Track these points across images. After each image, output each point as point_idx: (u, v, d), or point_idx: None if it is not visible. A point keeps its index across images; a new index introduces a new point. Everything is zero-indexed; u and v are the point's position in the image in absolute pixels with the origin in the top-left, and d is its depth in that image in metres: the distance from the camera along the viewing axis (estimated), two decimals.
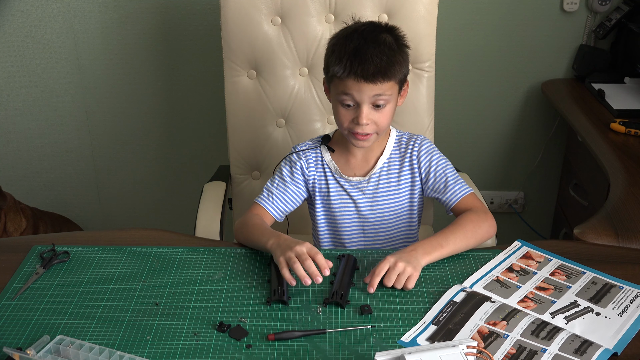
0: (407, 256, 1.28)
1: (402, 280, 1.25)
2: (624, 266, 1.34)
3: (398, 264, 1.25)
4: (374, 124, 1.39)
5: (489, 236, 1.40)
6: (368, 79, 1.34)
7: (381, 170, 1.50)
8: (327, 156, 1.52)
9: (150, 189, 2.66)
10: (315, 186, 1.53)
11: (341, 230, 1.56)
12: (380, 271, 1.26)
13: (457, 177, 1.48)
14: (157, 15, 2.32)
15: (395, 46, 1.38)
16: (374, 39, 1.36)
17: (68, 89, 2.44)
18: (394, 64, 1.36)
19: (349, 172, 1.51)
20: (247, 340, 1.16)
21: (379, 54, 1.34)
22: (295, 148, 1.54)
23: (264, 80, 1.88)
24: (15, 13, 2.32)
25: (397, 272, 1.25)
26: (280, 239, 1.30)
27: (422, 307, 1.23)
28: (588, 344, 1.12)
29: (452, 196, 1.45)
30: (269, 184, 1.51)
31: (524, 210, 2.72)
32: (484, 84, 2.47)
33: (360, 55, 1.33)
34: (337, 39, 1.41)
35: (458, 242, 1.34)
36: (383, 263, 1.27)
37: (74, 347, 1.10)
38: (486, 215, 1.40)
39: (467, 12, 2.34)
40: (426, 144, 1.51)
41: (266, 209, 1.47)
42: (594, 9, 2.31)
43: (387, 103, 1.39)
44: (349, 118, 1.40)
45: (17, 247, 1.42)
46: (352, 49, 1.34)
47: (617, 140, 1.95)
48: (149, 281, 1.31)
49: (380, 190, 1.51)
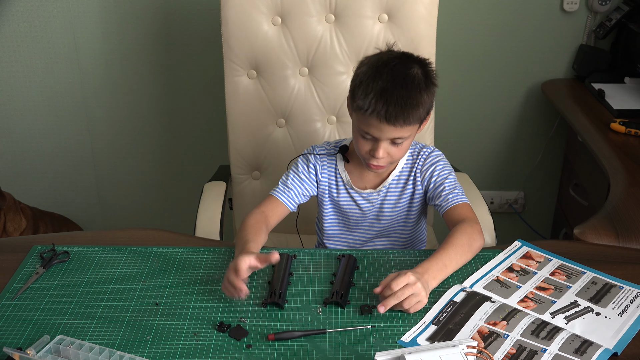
0: (423, 279, 1.23)
1: (412, 302, 1.20)
2: (624, 266, 1.34)
3: (417, 284, 1.20)
4: (389, 157, 1.41)
5: (481, 247, 1.40)
6: (390, 122, 1.33)
7: (391, 184, 1.52)
8: (341, 166, 1.54)
9: (150, 189, 2.66)
10: (325, 191, 1.55)
11: (346, 233, 1.59)
12: (397, 286, 1.19)
13: (455, 186, 1.47)
14: (157, 15, 2.32)
15: (423, 85, 1.36)
16: (403, 77, 1.34)
17: (68, 89, 2.44)
18: (418, 106, 1.35)
19: (360, 184, 1.53)
20: (247, 340, 1.16)
21: (405, 97, 1.33)
22: (313, 149, 1.56)
23: (264, 80, 1.88)
24: (16, 13, 2.32)
25: (413, 292, 1.20)
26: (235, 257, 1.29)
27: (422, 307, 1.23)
28: (588, 344, 1.12)
29: (445, 202, 1.45)
30: (284, 178, 1.53)
31: (524, 210, 2.72)
32: (484, 84, 2.47)
33: (387, 97, 1.32)
34: (367, 67, 1.38)
35: (459, 259, 1.33)
36: (402, 278, 1.20)
37: (74, 347, 1.10)
38: (476, 227, 1.39)
39: (467, 12, 2.34)
40: (433, 156, 1.52)
41: (282, 200, 1.49)
42: (594, 9, 2.31)
43: (405, 140, 1.40)
44: (367, 149, 1.41)
45: (17, 247, 1.42)
46: (380, 88, 1.33)
47: (617, 140, 1.95)
48: (149, 281, 1.31)
49: (387, 201, 1.53)
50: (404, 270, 1.23)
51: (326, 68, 1.86)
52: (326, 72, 1.86)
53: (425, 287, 1.22)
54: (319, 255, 1.40)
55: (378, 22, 1.83)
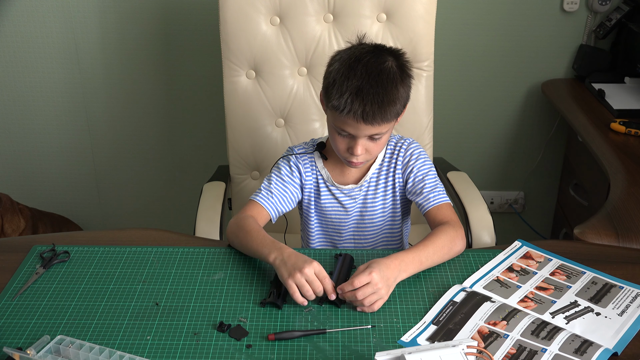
0: (390, 273, 1.24)
1: (372, 300, 1.20)
2: (624, 266, 1.34)
3: (378, 284, 1.20)
4: (368, 153, 1.40)
5: (461, 251, 1.39)
6: (367, 121, 1.32)
7: (371, 178, 1.51)
8: (320, 163, 1.51)
9: (150, 189, 2.66)
10: (310, 190, 1.53)
11: (332, 232, 1.57)
12: (359, 283, 1.20)
13: (436, 185, 1.46)
14: (157, 15, 2.32)
15: (398, 78, 1.34)
16: (378, 73, 1.31)
17: (68, 89, 2.44)
18: (395, 102, 1.33)
19: (341, 180, 1.51)
20: (247, 340, 1.16)
21: (382, 95, 1.31)
22: (292, 150, 1.54)
23: (262, 80, 1.88)
24: (16, 13, 2.32)
25: (372, 292, 1.20)
26: (284, 254, 1.26)
27: (422, 307, 1.23)
28: (588, 343, 1.12)
29: (427, 202, 1.44)
30: (267, 182, 1.49)
31: (524, 210, 2.72)
32: (484, 84, 2.47)
33: (362, 96, 1.30)
34: (340, 64, 1.35)
35: (436, 258, 1.33)
36: (364, 277, 1.20)
37: (74, 347, 1.10)
38: (460, 231, 1.39)
39: (466, 11, 2.34)
40: (412, 147, 1.50)
41: (265, 207, 1.45)
42: (594, 9, 2.31)
43: (383, 135, 1.38)
44: (344, 147, 1.39)
45: (17, 247, 1.42)
46: (355, 87, 1.30)
47: (617, 140, 1.95)
48: (149, 281, 1.31)
49: (370, 196, 1.52)
50: (373, 265, 1.22)
51: (325, 68, 1.85)
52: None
53: (388, 283, 1.22)
54: (318, 255, 1.40)
55: (376, 21, 1.83)
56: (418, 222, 2.00)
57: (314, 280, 1.21)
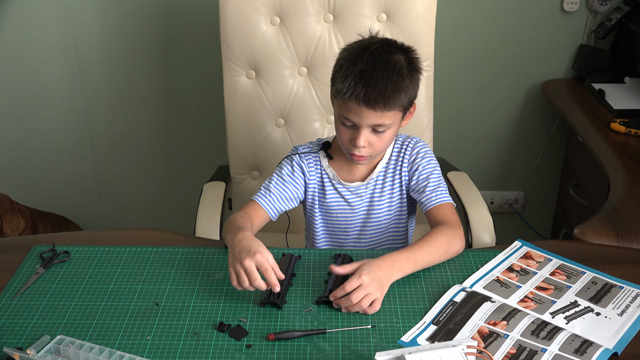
0: (382, 273, 1.23)
1: (364, 304, 1.20)
2: (624, 266, 1.34)
3: (370, 286, 1.21)
4: (371, 148, 1.38)
5: (459, 252, 1.38)
6: (369, 105, 1.30)
7: (378, 175, 1.51)
8: (325, 162, 1.51)
9: (150, 189, 2.66)
10: (314, 189, 1.53)
11: (338, 232, 1.57)
12: (350, 287, 1.20)
13: (440, 184, 1.46)
14: (157, 15, 2.32)
15: (405, 70, 1.33)
16: (385, 61, 1.31)
17: (68, 88, 2.44)
18: (400, 91, 1.32)
19: (348, 178, 1.51)
20: (247, 340, 1.16)
21: (386, 80, 1.30)
22: (297, 149, 1.54)
23: (263, 80, 1.88)
24: (15, 13, 2.32)
25: (365, 294, 1.20)
26: (234, 239, 1.24)
27: (422, 307, 1.23)
28: (588, 343, 1.12)
29: (429, 200, 1.43)
30: (267, 182, 1.49)
31: (524, 210, 2.72)
32: (484, 84, 2.47)
33: (366, 79, 1.29)
34: (348, 52, 1.36)
35: (432, 258, 1.33)
36: (355, 280, 1.21)
37: (74, 347, 1.10)
38: (458, 231, 1.38)
39: (466, 11, 2.34)
40: (419, 146, 1.50)
41: (262, 205, 1.45)
42: (594, 9, 2.31)
43: (388, 129, 1.37)
44: (348, 138, 1.38)
45: (17, 247, 1.42)
46: (359, 70, 1.30)
47: (617, 140, 1.95)
48: (149, 281, 1.31)
49: (377, 194, 1.51)
50: (363, 267, 1.22)
51: (325, 68, 1.85)
52: (325, 72, 1.86)
53: (380, 283, 1.22)
54: (318, 255, 1.40)
55: (377, 21, 1.83)
56: (422, 221, 1.99)
57: (252, 272, 1.18)
